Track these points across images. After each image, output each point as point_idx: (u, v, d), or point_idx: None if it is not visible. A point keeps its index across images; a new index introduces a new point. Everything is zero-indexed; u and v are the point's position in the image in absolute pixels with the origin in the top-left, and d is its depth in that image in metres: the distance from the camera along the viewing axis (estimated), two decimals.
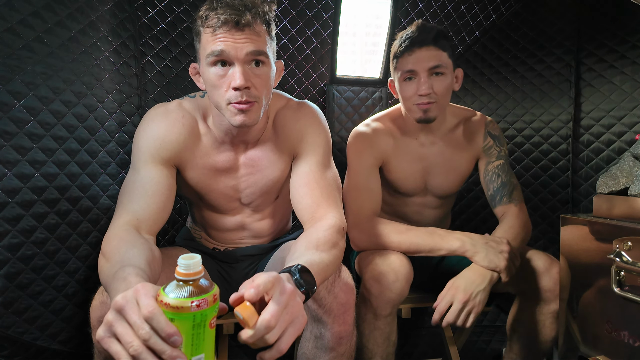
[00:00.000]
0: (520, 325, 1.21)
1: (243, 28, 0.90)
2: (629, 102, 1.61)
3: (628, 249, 0.89)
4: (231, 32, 0.89)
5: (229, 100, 0.93)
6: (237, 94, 0.91)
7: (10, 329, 0.97)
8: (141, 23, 1.43)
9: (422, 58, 1.20)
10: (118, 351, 0.55)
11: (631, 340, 0.89)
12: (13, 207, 0.96)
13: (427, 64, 1.20)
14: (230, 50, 0.90)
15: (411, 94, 1.24)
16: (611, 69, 1.64)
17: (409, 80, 1.24)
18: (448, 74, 1.23)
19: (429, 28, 1.22)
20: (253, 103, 0.93)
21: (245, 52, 0.90)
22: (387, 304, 1.14)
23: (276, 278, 0.64)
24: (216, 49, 0.90)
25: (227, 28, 0.89)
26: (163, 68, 1.49)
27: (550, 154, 1.76)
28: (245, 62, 0.91)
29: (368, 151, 1.32)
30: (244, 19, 0.89)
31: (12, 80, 0.96)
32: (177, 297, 0.55)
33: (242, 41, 0.90)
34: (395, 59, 1.26)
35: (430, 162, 1.37)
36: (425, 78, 1.20)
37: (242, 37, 0.90)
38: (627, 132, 1.62)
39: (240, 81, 0.90)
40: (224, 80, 0.92)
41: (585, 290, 1.00)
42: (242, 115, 0.93)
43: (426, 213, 1.44)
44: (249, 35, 0.90)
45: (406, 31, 1.25)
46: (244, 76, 0.90)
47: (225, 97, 0.93)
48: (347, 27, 1.78)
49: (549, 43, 1.74)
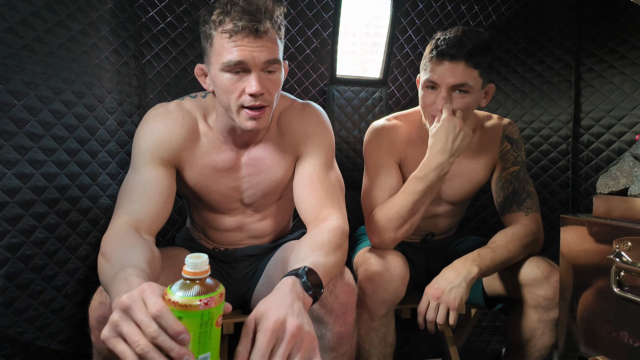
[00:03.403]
0: (519, 332, 1.20)
1: (261, 35, 0.89)
2: (629, 102, 1.61)
3: (628, 249, 0.89)
4: (249, 39, 0.89)
5: (242, 105, 0.93)
6: (251, 99, 0.92)
7: (10, 329, 0.97)
8: (141, 23, 1.43)
9: (447, 73, 1.11)
10: (124, 351, 0.55)
11: (631, 340, 0.89)
12: (13, 207, 0.96)
13: (450, 81, 1.12)
14: (249, 60, 0.89)
15: (429, 103, 1.18)
16: (611, 70, 1.64)
17: (430, 89, 1.17)
18: (473, 93, 1.14)
19: (467, 40, 1.11)
20: (265, 108, 0.94)
21: (263, 60, 0.90)
22: (382, 304, 1.12)
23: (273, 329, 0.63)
24: (234, 58, 0.89)
25: (244, 34, 0.88)
26: (163, 68, 1.49)
27: (550, 154, 1.76)
28: (260, 69, 0.91)
29: (388, 146, 1.27)
30: (263, 26, 0.88)
31: (12, 80, 0.96)
32: (184, 295, 0.56)
33: (259, 49, 0.89)
34: (425, 61, 1.18)
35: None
36: (445, 94, 1.13)
37: (259, 44, 0.89)
38: (627, 132, 1.62)
39: (256, 88, 0.90)
40: (238, 85, 0.92)
41: (585, 291, 1.00)
42: (254, 121, 0.94)
43: (439, 220, 1.41)
44: (266, 43, 0.90)
45: (443, 34, 1.15)
46: (260, 83, 0.90)
47: (239, 101, 0.93)
48: (347, 27, 1.78)
49: (549, 43, 1.74)
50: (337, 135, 1.72)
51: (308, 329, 0.67)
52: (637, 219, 0.92)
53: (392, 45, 1.76)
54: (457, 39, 1.11)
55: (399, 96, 1.84)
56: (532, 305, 1.16)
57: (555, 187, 1.76)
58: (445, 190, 1.35)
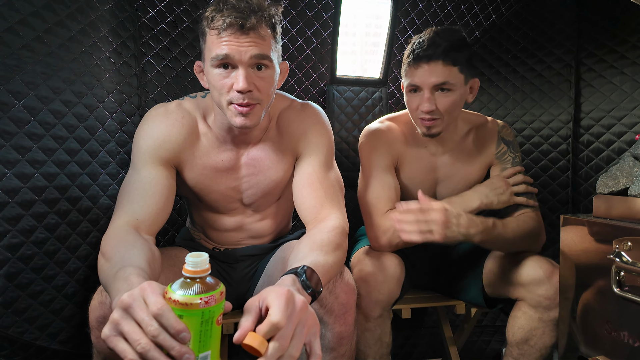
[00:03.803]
0: (519, 331, 1.20)
1: (248, 31, 0.90)
2: (629, 102, 1.61)
3: (628, 249, 0.89)
4: (236, 35, 0.89)
5: (230, 101, 0.93)
6: (239, 96, 0.92)
7: (10, 329, 0.97)
8: (141, 23, 1.43)
9: (427, 74, 1.13)
10: (124, 349, 0.55)
11: (631, 340, 0.89)
12: (13, 207, 0.96)
13: (431, 81, 1.13)
14: (235, 54, 0.90)
15: (414, 107, 1.19)
16: (611, 70, 1.64)
17: (413, 93, 1.19)
18: (456, 90, 1.15)
19: (440, 40, 1.12)
20: (254, 105, 0.94)
21: (249, 55, 0.90)
22: (376, 305, 1.12)
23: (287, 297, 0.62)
24: (221, 52, 0.90)
25: (232, 31, 0.89)
26: (163, 68, 1.49)
27: (550, 154, 1.76)
28: (248, 65, 0.92)
29: (384, 148, 1.27)
30: (249, 22, 0.89)
31: (12, 80, 0.96)
32: (185, 294, 0.55)
33: (246, 45, 0.90)
34: (403, 67, 1.21)
35: (441, 173, 1.33)
36: (429, 94, 1.14)
37: (246, 40, 0.90)
38: (627, 132, 1.62)
39: (243, 84, 0.90)
40: (227, 81, 0.92)
41: (585, 291, 1.00)
42: (242, 117, 0.94)
43: None
44: (254, 39, 0.90)
45: (418, 38, 1.17)
46: (247, 79, 0.91)
47: (227, 97, 0.93)
48: (347, 27, 1.78)
49: (549, 43, 1.74)
50: (337, 135, 1.72)
51: (312, 310, 0.66)
52: (637, 219, 0.92)
53: (392, 45, 1.76)
54: (431, 40, 1.13)
55: (398, 96, 1.84)
56: (533, 305, 1.16)
57: (555, 187, 1.76)
58: (441, 192, 1.36)
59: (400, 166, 1.31)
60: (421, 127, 1.21)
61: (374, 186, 1.24)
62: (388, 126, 1.32)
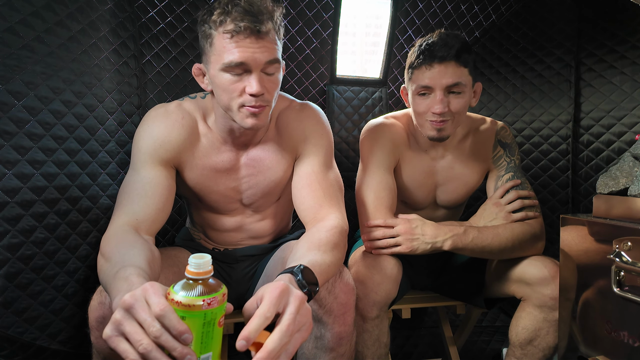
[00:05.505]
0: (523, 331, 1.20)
1: (262, 36, 0.89)
2: (629, 102, 1.61)
3: (628, 249, 0.89)
4: (250, 40, 0.89)
5: (242, 104, 0.93)
6: (251, 99, 0.92)
7: (10, 329, 0.97)
8: (141, 23, 1.43)
9: (440, 75, 1.11)
10: (126, 350, 0.55)
11: (631, 340, 0.89)
12: (13, 207, 0.96)
13: (445, 82, 1.11)
14: (250, 61, 0.89)
15: (425, 109, 1.16)
16: (611, 70, 1.64)
17: (422, 96, 1.16)
18: (466, 92, 1.15)
19: (453, 41, 1.11)
20: (265, 107, 0.94)
21: (264, 61, 0.90)
22: (373, 306, 1.12)
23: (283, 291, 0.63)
24: (235, 59, 0.89)
25: (245, 35, 0.88)
26: (163, 68, 1.49)
27: (550, 154, 1.76)
28: (261, 69, 0.92)
29: (388, 145, 1.26)
30: (264, 27, 0.88)
31: (12, 80, 0.96)
32: (187, 295, 0.56)
33: (260, 50, 0.89)
34: (411, 70, 1.18)
35: (440, 176, 1.32)
36: (441, 96, 1.12)
37: (260, 45, 0.89)
38: (627, 132, 1.62)
39: (257, 88, 0.90)
40: (238, 85, 0.92)
41: (585, 291, 1.00)
42: (254, 118, 0.94)
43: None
44: (266, 44, 0.90)
45: (426, 39, 1.15)
46: (260, 83, 0.91)
47: (239, 101, 0.93)
48: (347, 27, 1.78)
49: (549, 43, 1.74)
50: (337, 135, 1.72)
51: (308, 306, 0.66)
52: (637, 218, 0.92)
53: (392, 45, 1.76)
54: (442, 41, 1.12)
55: (399, 96, 1.84)
56: (538, 304, 1.16)
57: (555, 187, 1.76)
58: (440, 195, 1.36)
59: (401, 167, 1.31)
60: (430, 131, 1.18)
61: (371, 186, 1.22)
62: (392, 123, 1.30)
